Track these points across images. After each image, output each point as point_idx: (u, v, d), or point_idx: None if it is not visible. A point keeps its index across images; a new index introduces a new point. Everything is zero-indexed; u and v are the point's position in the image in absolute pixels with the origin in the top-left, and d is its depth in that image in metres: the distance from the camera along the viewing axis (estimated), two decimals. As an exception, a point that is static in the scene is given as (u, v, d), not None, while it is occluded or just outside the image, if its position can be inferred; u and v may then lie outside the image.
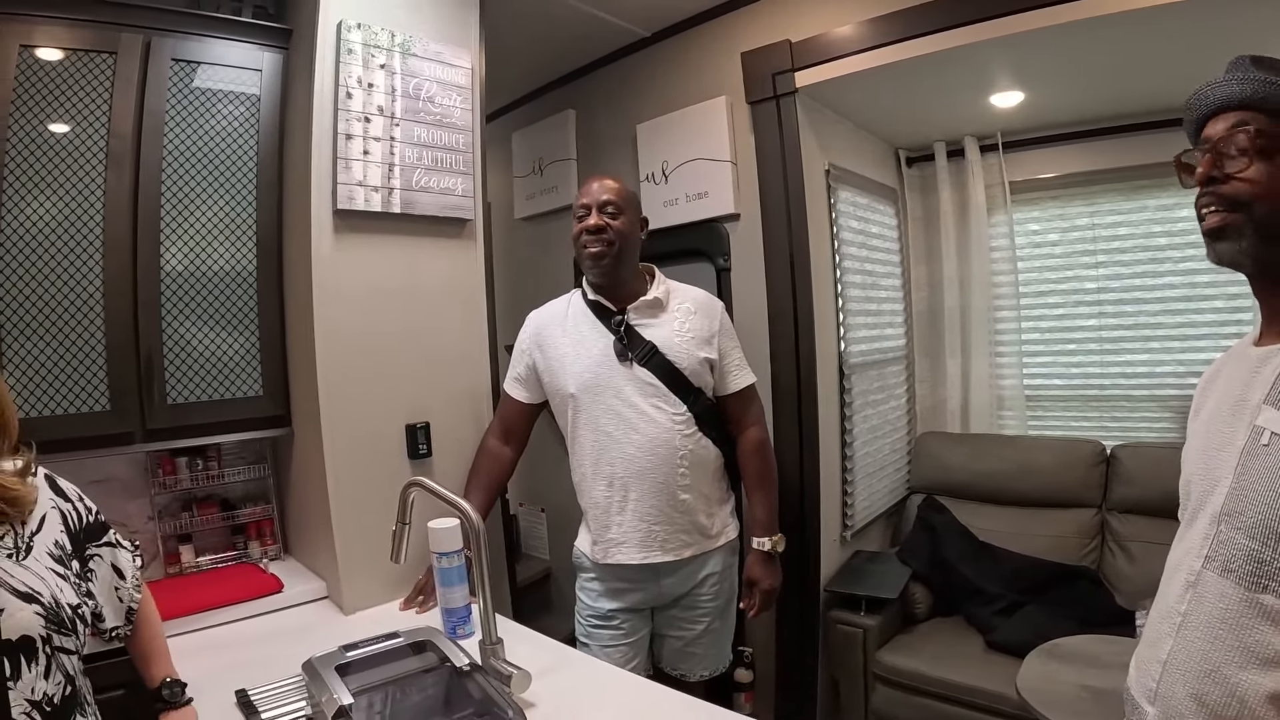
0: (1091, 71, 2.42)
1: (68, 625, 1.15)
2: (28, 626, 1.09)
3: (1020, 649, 2.18)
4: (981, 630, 2.50)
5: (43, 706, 1.09)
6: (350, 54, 1.98)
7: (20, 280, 1.83)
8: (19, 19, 1.84)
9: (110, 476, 2.15)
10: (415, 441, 2.07)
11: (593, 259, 1.93)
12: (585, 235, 1.93)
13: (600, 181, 1.98)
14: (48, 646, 1.11)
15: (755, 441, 2.05)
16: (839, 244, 2.63)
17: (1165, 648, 0.95)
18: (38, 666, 1.09)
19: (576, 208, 1.98)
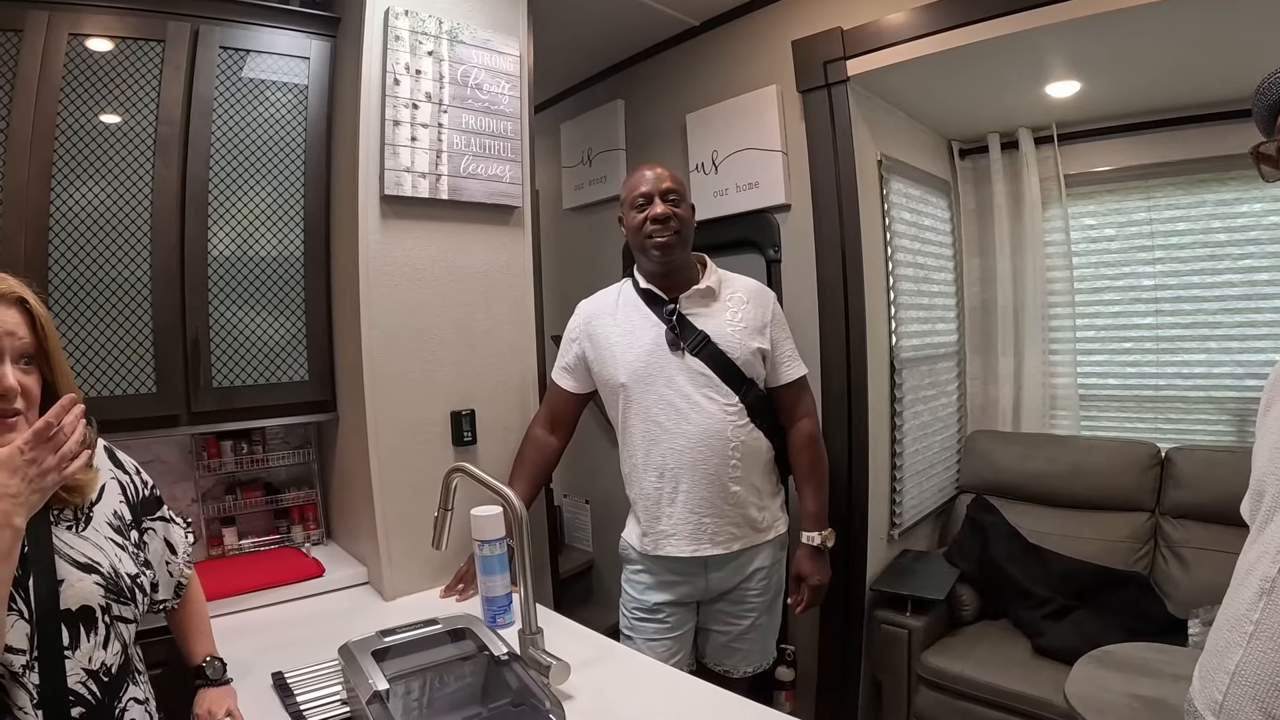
0: (1151, 60, 2.33)
1: (126, 594, 1.16)
2: (87, 596, 1.10)
3: (1068, 655, 2.13)
4: (1029, 634, 2.43)
5: (99, 676, 1.10)
6: (398, 41, 1.98)
7: (70, 264, 1.86)
8: (69, 8, 1.87)
9: (156, 458, 2.18)
10: (460, 429, 2.06)
11: (661, 249, 1.90)
12: (651, 225, 1.90)
13: (655, 170, 1.94)
14: (107, 616, 1.12)
15: (807, 434, 2.01)
16: (891, 236, 2.57)
17: (1234, 658, 0.89)
18: (96, 636, 1.11)
19: (634, 197, 1.94)
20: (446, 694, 1.50)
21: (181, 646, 1.47)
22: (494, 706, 1.40)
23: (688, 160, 2.79)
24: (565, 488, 3.47)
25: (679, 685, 1.50)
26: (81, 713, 1.07)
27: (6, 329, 1.05)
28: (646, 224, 1.90)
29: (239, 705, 1.40)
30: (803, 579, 2.00)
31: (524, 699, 1.36)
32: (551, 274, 3.25)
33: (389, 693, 1.30)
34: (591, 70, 3.28)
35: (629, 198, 1.96)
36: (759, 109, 2.54)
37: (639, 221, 1.92)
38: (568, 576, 3.05)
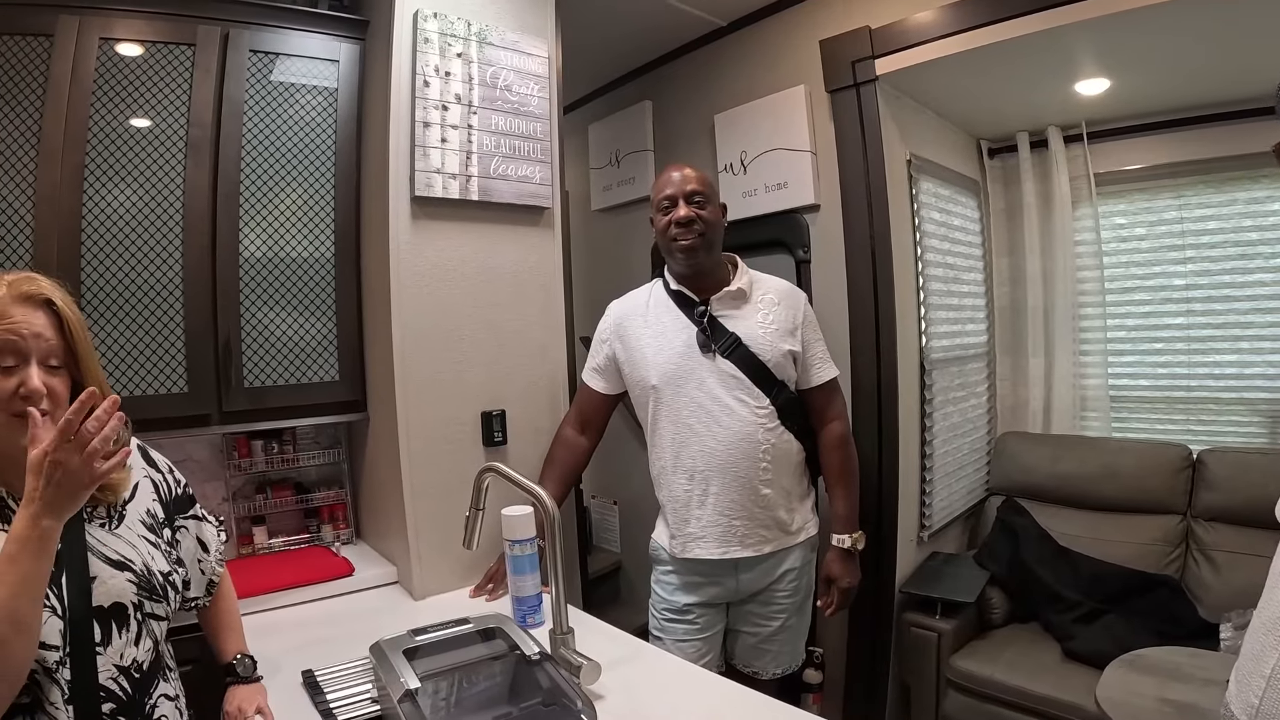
0: (1181, 56, 2.30)
1: (159, 592, 1.17)
2: (120, 594, 1.11)
3: (1099, 659, 2.11)
4: (1059, 638, 2.40)
5: (131, 672, 1.12)
6: (427, 43, 1.99)
7: (102, 266, 1.88)
8: (99, 13, 1.90)
9: (187, 457, 2.20)
10: (491, 429, 2.07)
11: (685, 252, 1.89)
12: (675, 228, 1.89)
13: (681, 171, 1.93)
14: (139, 613, 1.14)
15: (838, 436, 1.99)
16: (921, 236, 2.55)
17: (1270, 662, 0.88)
18: (128, 633, 1.12)
19: (659, 199, 1.93)
20: (477, 693, 1.49)
21: (212, 644, 1.48)
22: (525, 706, 1.40)
23: (716, 161, 2.79)
24: (594, 489, 3.47)
25: (709, 686, 1.49)
26: (112, 708, 1.08)
27: (33, 331, 1.06)
28: (671, 227, 1.90)
29: (269, 703, 1.41)
30: (832, 581, 1.99)
31: (555, 699, 1.36)
32: (580, 275, 3.25)
33: (419, 691, 1.30)
34: (619, 71, 3.28)
35: (655, 200, 1.96)
36: (787, 109, 2.53)
37: (664, 224, 1.91)
38: (596, 577, 3.05)
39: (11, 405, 1.04)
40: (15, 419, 1.04)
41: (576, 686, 1.34)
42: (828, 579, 2.00)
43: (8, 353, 1.04)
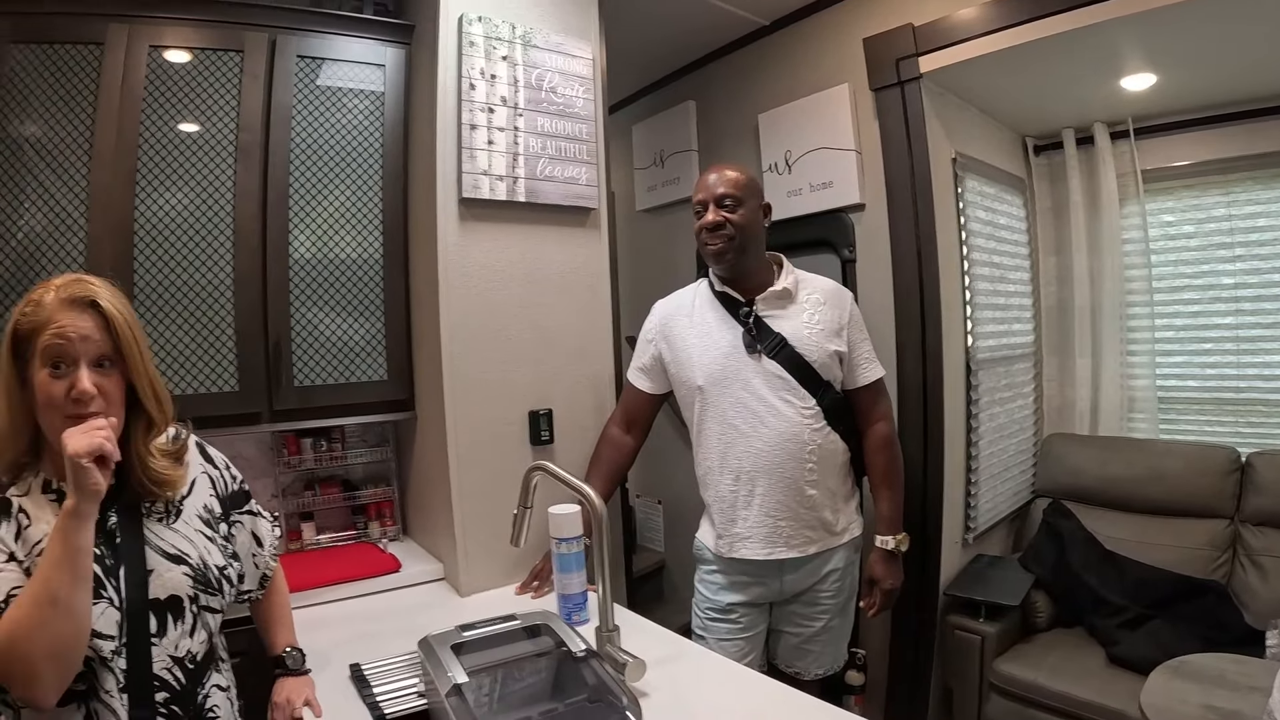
0: (1229, 50, 2.25)
1: (214, 585, 1.20)
2: (176, 586, 1.15)
3: (1143, 665, 2.08)
4: (1104, 643, 2.36)
5: (185, 663, 1.15)
6: (472, 46, 2.00)
7: (155, 267, 1.93)
8: (149, 21, 1.95)
9: (237, 455, 2.23)
10: (538, 428, 2.08)
11: (714, 256, 1.90)
12: (704, 233, 1.89)
13: (718, 172, 1.92)
14: (194, 605, 1.17)
15: (883, 437, 1.98)
16: (966, 235, 2.52)
17: None
18: (183, 625, 1.15)
19: (694, 203, 1.94)
20: (523, 689, 1.50)
21: (263, 636, 1.52)
22: (570, 702, 1.40)
23: (761, 160, 2.78)
24: (638, 488, 3.48)
25: (753, 685, 1.49)
26: (166, 697, 1.11)
27: (81, 334, 1.08)
28: (701, 231, 1.90)
29: (316, 695, 1.44)
30: (876, 583, 1.98)
31: (600, 695, 1.36)
32: (625, 275, 3.26)
33: (466, 686, 1.31)
34: (662, 72, 3.29)
35: (692, 203, 1.96)
36: (831, 108, 2.52)
37: (697, 228, 1.92)
38: (639, 576, 3.06)
39: (65, 408, 1.07)
40: (69, 420, 1.07)
41: (621, 684, 1.35)
42: (871, 580, 1.99)
43: (57, 356, 1.07)
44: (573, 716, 1.36)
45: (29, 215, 1.84)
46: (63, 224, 1.86)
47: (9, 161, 1.83)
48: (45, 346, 1.06)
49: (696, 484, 2.03)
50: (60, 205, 1.86)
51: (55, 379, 1.06)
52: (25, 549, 1.04)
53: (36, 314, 1.07)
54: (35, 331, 1.06)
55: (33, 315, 1.07)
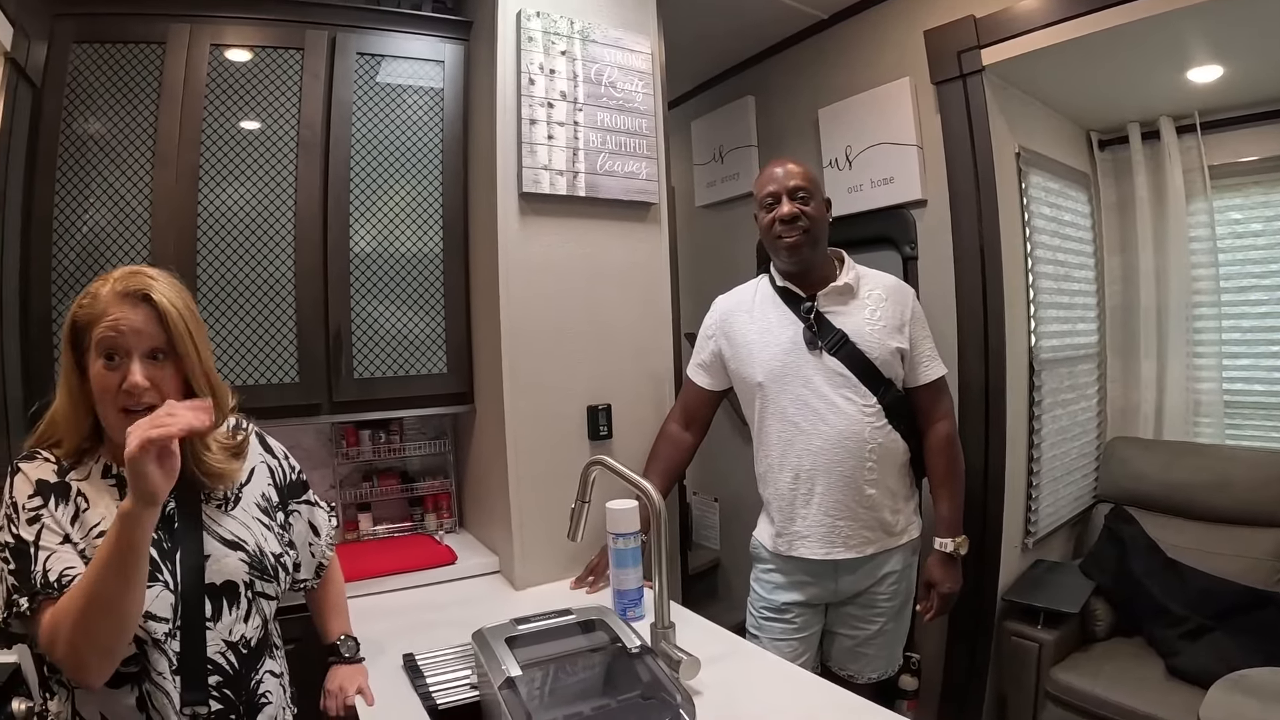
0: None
1: (270, 572, 1.21)
2: (232, 572, 1.16)
3: (1203, 678, 2.02)
4: (1163, 654, 2.29)
5: (239, 648, 1.16)
6: (531, 42, 2.01)
7: (217, 260, 1.97)
8: (210, 20, 1.99)
9: (296, 445, 2.26)
10: (596, 423, 2.08)
11: (789, 250, 1.87)
12: (779, 225, 1.86)
13: (784, 166, 1.90)
14: (249, 592, 1.18)
15: (944, 437, 1.94)
16: (1030, 232, 2.46)
17: None
18: (238, 610, 1.16)
19: (763, 196, 1.91)
20: (576, 683, 1.49)
21: (318, 624, 1.54)
22: (623, 698, 1.39)
23: (821, 156, 2.75)
24: (694, 485, 3.47)
25: (807, 686, 1.47)
26: (219, 681, 1.13)
27: (133, 327, 1.09)
28: (775, 224, 1.87)
29: (369, 683, 1.46)
30: (933, 586, 1.94)
31: (654, 692, 1.34)
32: (683, 271, 3.25)
33: (520, 679, 1.30)
34: (721, 67, 3.28)
35: (759, 196, 1.93)
36: (892, 102, 2.47)
37: (768, 221, 1.89)
38: (694, 574, 3.05)
39: (119, 400, 1.08)
40: (124, 414, 1.08)
41: (676, 681, 1.33)
42: (928, 584, 1.95)
43: (110, 348, 1.08)
44: (625, 713, 1.34)
45: (94, 211, 1.89)
46: (127, 219, 1.91)
47: (75, 159, 1.88)
48: (100, 339, 1.08)
49: (753, 482, 2.01)
50: (125, 201, 1.91)
51: (109, 370, 1.08)
52: (82, 532, 1.06)
53: (92, 306, 1.09)
54: (91, 323, 1.08)
55: (89, 307, 1.09)
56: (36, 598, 1.00)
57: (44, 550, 1.02)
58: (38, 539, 1.03)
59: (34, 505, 1.05)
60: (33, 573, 1.01)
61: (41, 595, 1.00)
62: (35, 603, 1.00)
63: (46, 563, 1.02)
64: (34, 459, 1.10)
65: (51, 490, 1.07)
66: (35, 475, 1.08)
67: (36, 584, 1.00)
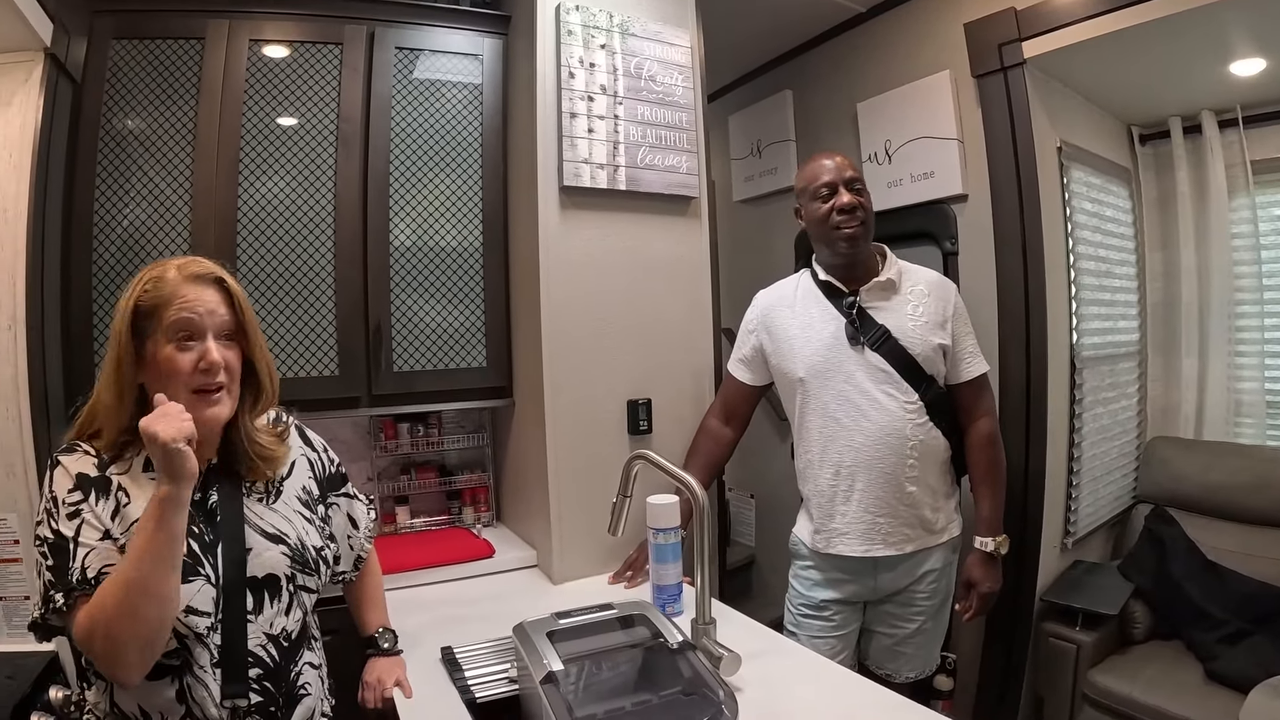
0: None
1: (311, 565, 1.22)
2: (274, 566, 1.16)
3: (1242, 682, 1.99)
4: (1202, 658, 2.26)
5: (279, 641, 1.16)
6: (570, 35, 2.00)
7: (257, 253, 1.98)
8: (248, 16, 2.00)
9: (335, 438, 2.29)
10: (637, 417, 2.08)
11: (848, 241, 1.84)
12: (837, 215, 1.84)
13: (834, 158, 1.88)
14: (291, 585, 1.18)
15: (986, 434, 1.91)
16: (1072, 228, 2.42)
17: None
18: (279, 603, 1.16)
19: (816, 187, 1.87)
20: (617, 678, 1.49)
21: (356, 616, 1.54)
22: (664, 694, 1.38)
23: (860, 150, 2.72)
24: (731, 481, 3.44)
25: (847, 684, 1.46)
26: (259, 674, 1.13)
27: (208, 308, 1.11)
28: (833, 215, 1.84)
29: (407, 676, 1.46)
30: (973, 586, 1.91)
31: (696, 688, 1.33)
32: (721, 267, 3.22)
33: (561, 674, 1.30)
34: (758, 61, 3.26)
35: (810, 187, 1.90)
36: (932, 96, 2.45)
37: (824, 212, 1.85)
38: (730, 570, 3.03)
39: (192, 380, 1.09)
40: (196, 395, 1.09)
41: (717, 677, 1.33)
42: (968, 583, 1.92)
43: (186, 329, 1.09)
44: (667, 709, 1.33)
45: (134, 207, 1.91)
46: (167, 213, 1.93)
47: (115, 154, 1.90)
48: (173, 320, 1.08)
49: (789, 478, 2.00)
50: (164, 196, 1.93)
51: (183, 351, 1.09)
52: (122, 527, 1.06)
53: (160, 289, 1.10)
54: (160, 306, 1.09)
55: (156, 290, 1.10)
56: (73, 594, 1.00)
57: (83, 546, 1.02)
58: (77, 534, 1.03)
59: (74, 500, 1.05)
60: (70, 569, 1.01)
61: (78, 591, 1.00)
62: (71, 598, 1.00)
63: (85, 559, 1.02)
64: (74, 452, 1.10)
65: (92, 484, 1.07)
66: (75, 469, 1.07)
67: (74, 580, 1.00)
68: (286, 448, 1.28)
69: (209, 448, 1.18)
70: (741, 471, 3.37)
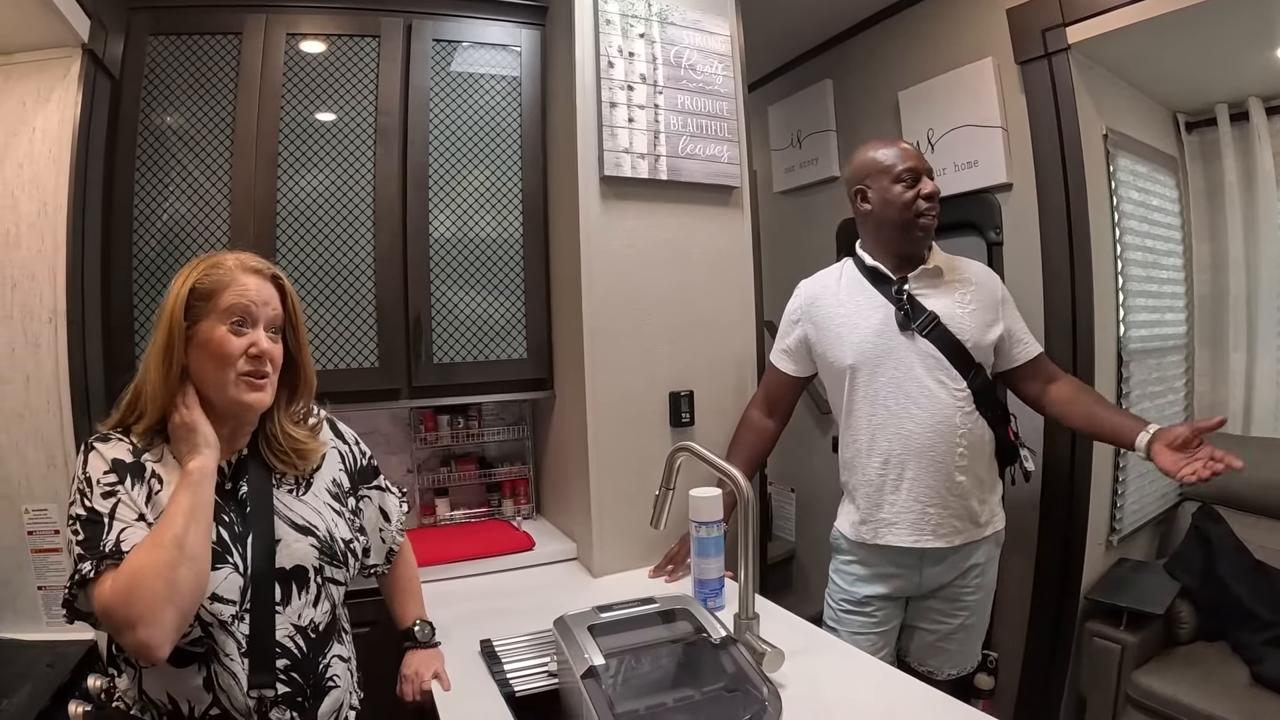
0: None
1: (339, 558, 1.22)
2: (302, 557, 1.17)
3: None
4: (1247, 660, 2.20)
5: (307, 632, 1.16)
6: (608, 25, 1.99)
7: (297, 247, 1.99)
8: (285, 10, 2.01)
9: (374, 430, 2.30)
10: (679, 409, 2.06)
11: (926, 230, 1.82)
12: (924, 202, 1.80)
13: (903, 144, 1.85)
14: (319, 577, 1.19)
15: (1072, 381, 1.92)
16: (1119, 217, 2.36)
17: None
18: (307, 595, 1.17)
19: (900, 171, 1.81)
20: (659, 674, 1.46)
21: (391, 609, 1.54)
22: (707, 690, 1.36)
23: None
24: (771, 475, 3.39)
25: (890, 681, 1.44)
26: (286, 664, 1.13)
27: (264, 298, 1.14)
28: (919, 201, 1.80)
29: (445, 669, 1.46)
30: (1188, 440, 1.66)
31: (739, 684, 1.32)
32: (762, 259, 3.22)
33: (602, 668, 1.29)
34: (797, 50, 3.23)
35: (891, 170, 1.82)
36: (975, 83, 2.40)
37: (909, 198, 1.80)
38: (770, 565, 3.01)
39: (239, 365, 1.11)
40: (242, 378, 1.11)
41: (762, 674, 1.31)
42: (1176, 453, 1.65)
43: (242, 314, 1.11)
44: (710, 705, 1.31)
45: (173, 201, 1.93)
46: (207, 208, 1.95)
47: (153, 149, 1.92)
48: (230, 304, 1.11)
49: (830, 472, 1.97)
50: (203, 190, 1.95)
51: (235, 335, 1.11)
52: (155, 513, 1.06)
53: (219, 273, 1.13)
54: (217, 290, 1.11)
55: (215, 274, 1.13)
56: (104, 562, 0.98)
57: (119, 522, 1.03)
58: (113, 511, 1.03)
59: (109, 481, 1.06)
60: (104, 541, 1.00)
61: (109, 560, 0.98)
62: (102, 566, 0.98)
63: (120, 534, 1.01)
64: (108, 440, 1.11)
65: (127, 470, 1.08)
66: (110, 454, 1.08)
67: (105, 550, 0.99)
68: (320, 442, 1.29)
69: (241, 438, 1.20)
70: (782, 465, 3.33)
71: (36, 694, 1.37)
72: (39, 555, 1.65)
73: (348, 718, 1.27)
